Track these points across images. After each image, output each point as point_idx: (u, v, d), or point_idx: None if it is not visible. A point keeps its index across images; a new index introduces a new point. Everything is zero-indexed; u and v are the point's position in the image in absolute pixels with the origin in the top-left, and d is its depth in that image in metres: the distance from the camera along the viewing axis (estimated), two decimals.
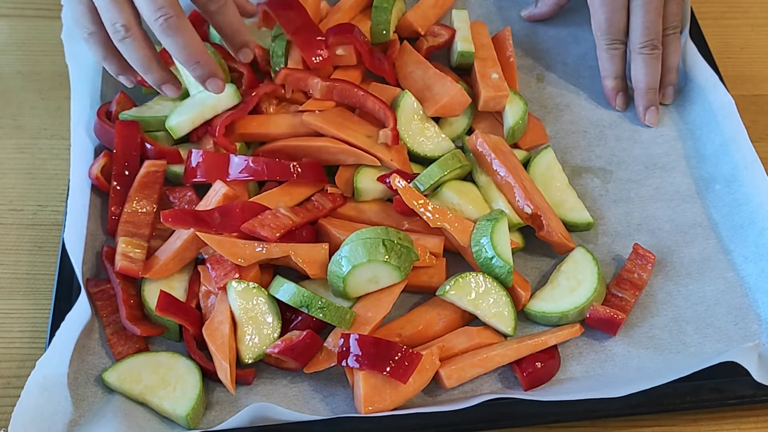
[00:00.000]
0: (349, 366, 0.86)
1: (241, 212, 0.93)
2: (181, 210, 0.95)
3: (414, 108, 1.04)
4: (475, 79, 1.09)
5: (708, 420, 0.90)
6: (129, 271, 0.93)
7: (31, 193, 1.06)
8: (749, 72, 1.22)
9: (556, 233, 0.97)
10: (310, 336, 0.88)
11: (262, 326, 0.90)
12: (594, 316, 0.92)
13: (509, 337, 0.93)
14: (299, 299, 0.89)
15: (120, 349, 0.91)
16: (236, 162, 0.98)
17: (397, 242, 0.90)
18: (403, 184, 0.96)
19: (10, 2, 1.25)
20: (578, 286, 0.94)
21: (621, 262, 1.00)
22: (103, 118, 1.04)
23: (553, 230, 0.97)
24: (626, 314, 0.94)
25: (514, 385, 0.91)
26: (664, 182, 1.07)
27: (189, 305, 0.92)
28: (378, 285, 0.92)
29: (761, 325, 0.95)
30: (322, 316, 0.88)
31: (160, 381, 0.88)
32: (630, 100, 1.14)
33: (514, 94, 1.08)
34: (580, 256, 0.97)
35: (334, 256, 0.91)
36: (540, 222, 0.97)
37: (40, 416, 0.83)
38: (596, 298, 0.93)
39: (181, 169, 1.01)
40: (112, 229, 0.98)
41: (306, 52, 1.05)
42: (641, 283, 0.96)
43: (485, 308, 0.92)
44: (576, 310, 0.93)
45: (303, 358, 0.88)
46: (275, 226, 0.93)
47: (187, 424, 0.85)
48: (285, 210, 0.95)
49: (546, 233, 0.97)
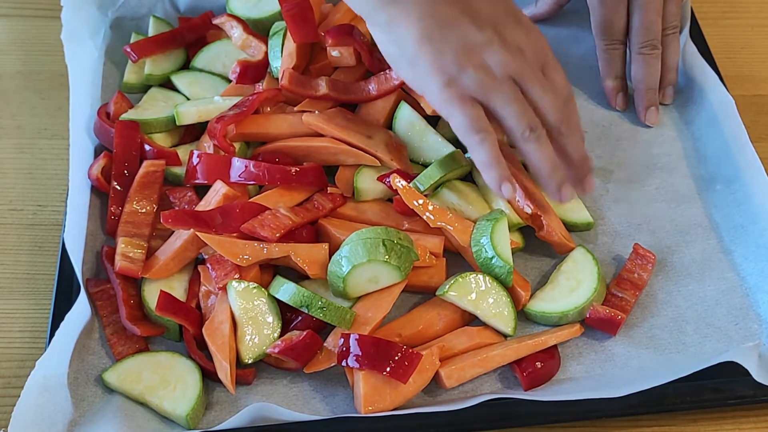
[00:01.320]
0: (348, 366, 0.86)
1: (240, 212, 0.93)
2: (181, 210, 0.95)
3: (411, 120, 1.04)
4: None
5: (708, 420, 0.90)
6: (128, 271, 0.92)
7: (31, 193, 1.06)
8: (749, 72, 1.22)
9: (556, 233, 0.97)
10: (310, 336, 0.88)
11: (262, 326, 0.90)
12: (594, 316, 0.92)
13: (509, 337, 0.93)
14: (299, 299, 0.89)
15: (120, 349, 0.91)
16: (237, 166, 0.97)
17: (397, 242, 0.90)
18: (403, 184, 0.96)
19: (10, 2, 1.25)
20: (578, 286, 0.94)
21: (621, 262, 1.00)
22: (104, 117, 1.04)
23: (554, 230, 0.97)
24: (626, 314, 0.94)
25: (514, 385, 0.91)
26: (664, 182, 1.07)
27: (189, 305, 0.92)
28: (378, 285, 0.92)
29: (761, 325, 0.95)
30: (323, 316, 0.88)
31: (160, 381, 0.88)
32: (630, 100, 1.14)
33: None
34: (580, 256, 0.97)
35: (334, 256, 0.91)
36: (540, 222, 0.97)
37: (40, 416, 0.83)
38: (596, 298, 0.93)
39: (182, 170, 1.01)
40: (111, 229, 0.98)
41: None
42: (641, 283, 0.96)
43: (485, 308, 0.91)
44: (576, 310, 0.92)
45: (303, 358, 0.88)
46: (275, 226, 0.93)
47: (187, 424, 0.85)
48: (285, 210, 0.95)
49: (546, 233, 0.97)
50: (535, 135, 0.92)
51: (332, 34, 1.06)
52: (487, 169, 0.92)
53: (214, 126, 0.99)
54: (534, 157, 0.93)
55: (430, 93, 0.93)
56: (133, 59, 1.10)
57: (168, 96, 1.09)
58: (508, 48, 0.92)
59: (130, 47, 1.10)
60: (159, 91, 1.09)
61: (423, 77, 0.92)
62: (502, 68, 0.91)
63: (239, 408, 0.87)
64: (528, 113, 0.92)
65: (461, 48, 0.91)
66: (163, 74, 1.10)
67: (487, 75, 0.91)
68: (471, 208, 0.98)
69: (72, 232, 0.94)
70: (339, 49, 1.07)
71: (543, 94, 0.93)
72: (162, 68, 1.11)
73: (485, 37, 0.91)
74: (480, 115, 0.91)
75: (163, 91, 1.10)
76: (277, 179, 0.97)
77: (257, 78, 1.07)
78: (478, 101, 0.91)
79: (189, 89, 1.09)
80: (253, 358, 0.89)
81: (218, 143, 0.99)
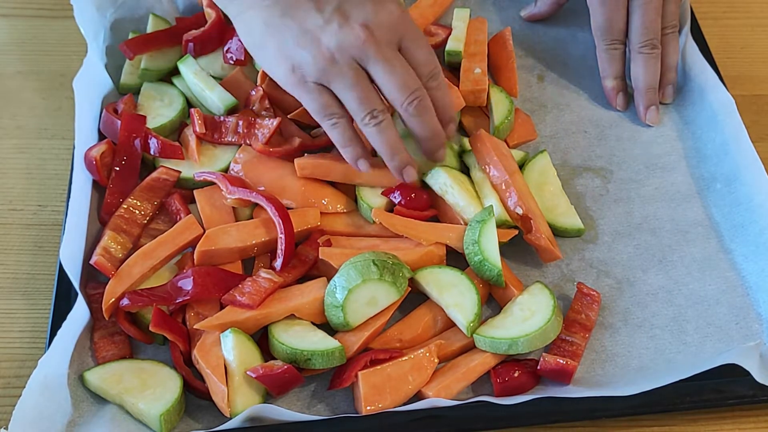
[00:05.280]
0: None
1: (212, 280, 0.91)
2: (136, 291, 0.91)
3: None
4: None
5: (708, 420, 0.90)
6: (102, 267, 0.92)
7: (31, 193, 1.06)
8: (749, 72, 1.22)
9: (544, 238, 0.97)
10: (290, 371, 0.86)
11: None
12: (546, 368, 0.88)
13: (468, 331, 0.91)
14: (284, 356, 0.88)
15: (104, 354, 0.90)
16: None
17: (388, 260, 0.90)
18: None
19: (10, 2, 1.25)
20: (531, 316, 0.91)
21: (621, 263, 1.00)
22: (112, 111, 1.04)
23: (542, 234, 0.97)
24: (578, 359, 0.91)
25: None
26: (664, 182, 1.07)
27: (182, 324, 0.91)
28: (377, 307, 0.90)
29: (762, 324, 0.95)
30: (312, 365, 0.87)
31: (140, 384, 0.87)
32: (630, 100, 1.14)
33: (500, 91, 1.09)
34: (537, 290, 0.94)
35: (327, 288, 0.90)
36: (529, 224, 0.97)
37: (40, 416, 0.83)
38: (550, 328, 0.90)
39: (190, 174, 1.01)
40: (104, 217, 0.98)
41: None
42: (590, 324, 0.93)
43: (447, 297, 0.91)
44: (526, 338, 0.88)
45: (279, 390, 0.87)
46: (255, 291, 0.90)
47: (160, 428, 0.84)
48: (266, 273, 0.92)
49: (534, 236, 0.97)
50: (376, 121, 0.93)
51: None
52: (342, 149, 0.95)
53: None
54: (374, 142, 0.94)
55: (279, 79, 0.95)
56: (129, 56, 1.09)
57: (162, 91, 1.09)
58: (350, 28, 0.91)
59: (126, 44, 1.10)
60: (152, 87, 1.09)
61: (271, 64, 0.95)
62: (342, 50, 0.91)
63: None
64: (369, 98, 0.92)
65: (300, 33, 0.92)
66: (159, 70, 1.10)
67: (326, 59, 0.91)
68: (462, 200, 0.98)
69: (70, 236, 0.94)
70: None
71: (389, 75, 0.92)
72: (158, 64, 1.10)
73: (323, 19, 0.92)
74: (328, 100, 0.93)
75: (156, 86, 1.10)
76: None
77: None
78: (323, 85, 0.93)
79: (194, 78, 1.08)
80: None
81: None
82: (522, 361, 0.90)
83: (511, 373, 0.89)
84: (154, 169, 1.00)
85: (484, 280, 0.94)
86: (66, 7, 1.13)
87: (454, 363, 0.90)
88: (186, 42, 1.09)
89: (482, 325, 0.91)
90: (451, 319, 0.92)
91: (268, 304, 0.90)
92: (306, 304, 0.90)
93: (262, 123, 1.02)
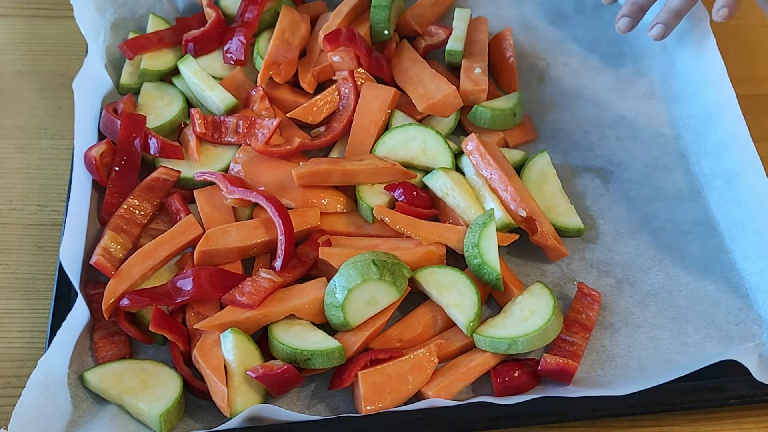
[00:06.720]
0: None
1: (211, 280, 0.91)
2: (136, 291, 0.92)
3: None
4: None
5: (708, 420, 0.90)
6: (102, 267, 0.92)
7: (31, 193, 1.06)
8: (749, 72, 1.22)
9: (550, 238, 0.97)
10: (290, 371, 0.86)
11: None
12: (546, 368, 0.89)
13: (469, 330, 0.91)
14: (284, 356, 0.88)
15: (104, 354, 0.90)
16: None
17: (388, 260, 0.90)
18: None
19: (10, 2, 1.24)
20: (531, 316, 0.91)
21: (622, 263, 1.00)
22: (112, 111, 1.04)
23: (548, 234, 0.97)
24: (579, 359, 0.91)
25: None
26: (664, 182, 1.07)
27: (182, 324, 0.91)
28: (378, 307, 0.91)
29: (761, 325, 0.95)
30: (312, 365, 0.87)
31: (140, 384, 0.87)
32: (632, 26, 1.11)
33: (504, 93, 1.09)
34: (537, 290, 0.94)
35: (327, 288, 0.90)
36: (534, 226, 0.97)
37: (40, 416, 0.83)
38: (550, 328, 0.90)
39: (190, 174, 1.01)
40: (104, 217, 0.98)
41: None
42: (590, 324, 0.94)
43: (447, 297, 0.91)
44: (526, 338, 0.89)
45: (279, 390, 0.87)
46: (255, 291, 0.90)
47: (160, 427, 0.85)
48: (266, 273, 0.92)
49: (540, 237, 0.97)
50: None
51: (330, 38, 1.05)
52: None
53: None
54: None
55: None
56: (129, 56, 1.09)
57: (162, 91, 1.09)
58: None
59: (126, 44, 1.10)
60: (152, 87, 1.09)
61: None
62: None
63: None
64: None
65: None
66: (159, 71, 1.10)
67: None
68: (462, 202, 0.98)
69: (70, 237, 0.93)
70: (339, 53, 1.07)
71: None
72: (158, 64, 1.10)
73: None
74: None
75: (156, 86, 1.10)
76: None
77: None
78: None
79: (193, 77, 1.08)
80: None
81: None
82: (522, 361, 0.90)
83: (511, 373, 0.89)
84: (154, 169, 1.01)
85: (483, 283, 0.94)
86: (66, 7, 1.13)
87: (454, 363, 0.90)
88: (186, 42, 1.09)
89: (482, 325, 0.91)
90: (451, 319, 0.92)
91: (268, 304, 0.90)
92: (306, 304, 0.90)
93: (262, 123, 1.02)
